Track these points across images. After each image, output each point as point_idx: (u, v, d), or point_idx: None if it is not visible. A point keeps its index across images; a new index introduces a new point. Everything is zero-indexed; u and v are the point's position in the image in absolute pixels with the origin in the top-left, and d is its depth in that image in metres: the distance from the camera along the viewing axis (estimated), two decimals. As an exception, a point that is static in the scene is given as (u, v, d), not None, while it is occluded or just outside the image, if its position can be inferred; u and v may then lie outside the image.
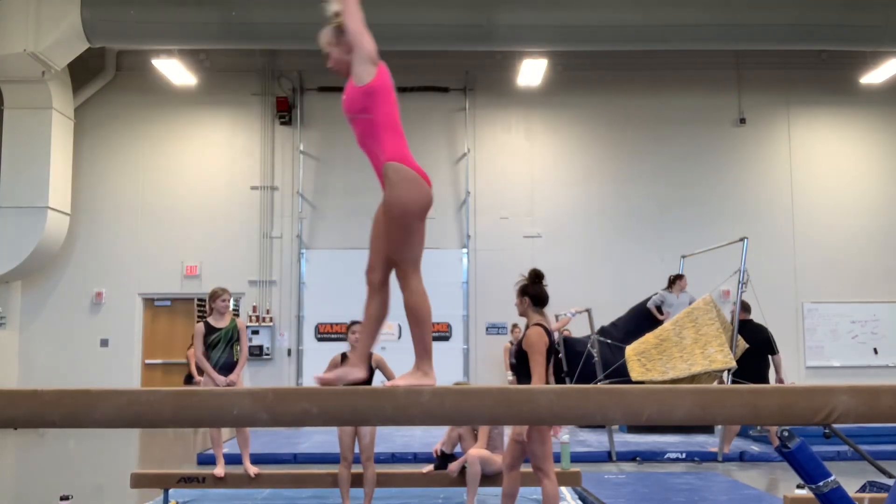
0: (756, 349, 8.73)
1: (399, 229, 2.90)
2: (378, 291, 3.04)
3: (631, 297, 11.53)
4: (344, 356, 5.86)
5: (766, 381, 8.68)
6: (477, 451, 5.91)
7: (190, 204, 13.95)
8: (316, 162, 14.15)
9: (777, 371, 8.92)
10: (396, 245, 2.92)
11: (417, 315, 2.90)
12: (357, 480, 5.94)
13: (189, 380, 12.16)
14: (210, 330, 6.60)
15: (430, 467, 6.31)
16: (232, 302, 7.37)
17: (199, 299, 13.71)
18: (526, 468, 6.64)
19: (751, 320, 8.92)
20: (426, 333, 2.93)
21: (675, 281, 10.73)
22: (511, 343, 10.99)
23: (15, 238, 12.62)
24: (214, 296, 6.68)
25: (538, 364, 4.70)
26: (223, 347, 6.57)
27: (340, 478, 5.91)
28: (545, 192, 14.08)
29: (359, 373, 3.03)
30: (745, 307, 8.95)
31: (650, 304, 10.45)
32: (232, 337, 6.60)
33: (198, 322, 7.24)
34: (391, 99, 3.02)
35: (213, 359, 6.55)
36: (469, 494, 5.85)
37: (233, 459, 8.87)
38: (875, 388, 2.68)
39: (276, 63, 14.17)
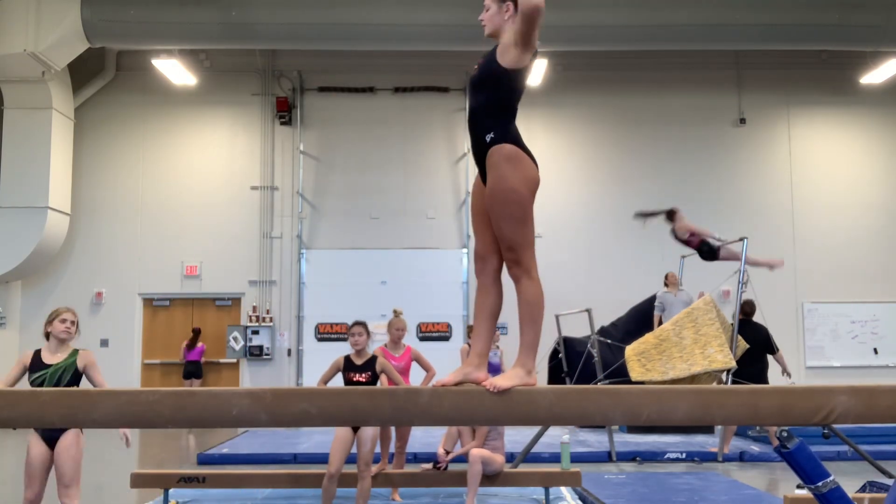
0: (756, 349, 8.73)
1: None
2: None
3: (631, 297, 11.54)
4: (347, 359, 5.68)
5: (765, 382, 8.67)
6: (479, 451, 5.90)
7: (190, 204, 13.95)
8: (316, 162, 14.16)
9: (782, 367, 8.91)
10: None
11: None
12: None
13: None
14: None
15: (428, 465, 6.31)
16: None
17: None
18: (527, 468, 6.65)
19: (751, 320, 8.92)
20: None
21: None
22: (469, 346, 10.75)
23: (15, 238, 12.62)
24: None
25: None
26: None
27: (326, 493, 5.50)
28: (545, 192, 13.83)
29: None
30: (748, 308, 8.92)
31: (656, 312, 10.40)
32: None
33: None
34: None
35: None
36: (469, 494, 5.84)
37: (234, 460, 8.89)
38: (874, 388, 2.68)
39: (276, 63, 14.18)
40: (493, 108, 2.90)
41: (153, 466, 8.82)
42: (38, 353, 4.70)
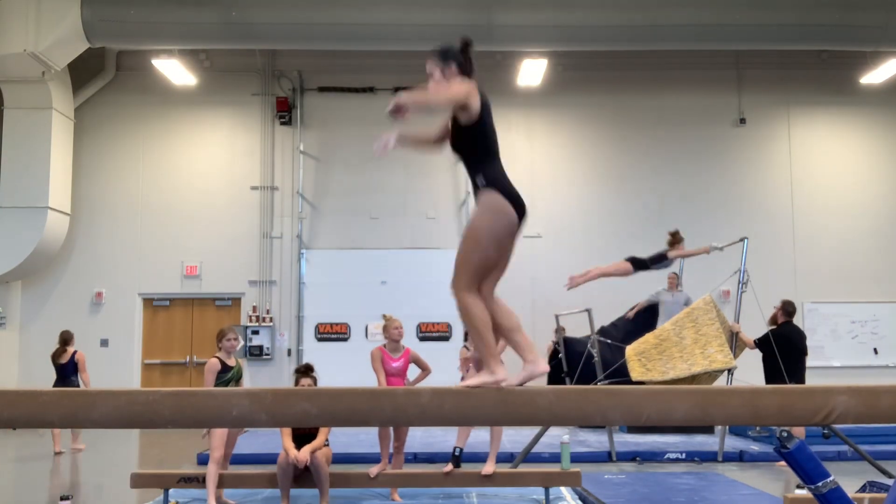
0: (797, 352, 8.50)
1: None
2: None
3: (631, 297, 11.54)
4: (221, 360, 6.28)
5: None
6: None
7: (190, 204, 13.94)
8: (316, 162, 14.15)
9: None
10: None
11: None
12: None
13: None
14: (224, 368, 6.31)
15: (449, 466, 6.36)
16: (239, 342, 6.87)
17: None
18: (527, 468, 6.65)
19: (792, 322, 8.71)
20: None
21: (673, 241, 10.36)
22: (467, 348, 10.59)
23: (15, 238, 12.61)
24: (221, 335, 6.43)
25: None
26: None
27: (284, 473, 6.11)
28: (545, 192, 14.06)
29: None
30: (789, 310, 8.67)
31: (646, 298, 10.60)
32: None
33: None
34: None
35: None
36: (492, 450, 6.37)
37: (234, 460, 8.88)
38: (874, 388, 2.68)
39: (276, 63, 14.17)
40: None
41: (153, 466, 8.82)
42: (220, 360, 6.26)
